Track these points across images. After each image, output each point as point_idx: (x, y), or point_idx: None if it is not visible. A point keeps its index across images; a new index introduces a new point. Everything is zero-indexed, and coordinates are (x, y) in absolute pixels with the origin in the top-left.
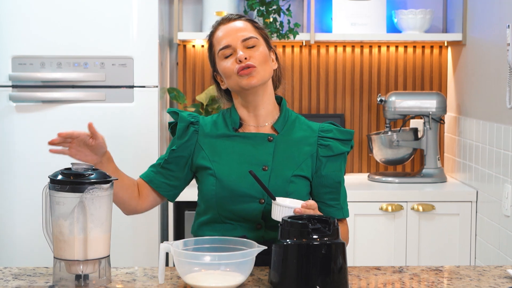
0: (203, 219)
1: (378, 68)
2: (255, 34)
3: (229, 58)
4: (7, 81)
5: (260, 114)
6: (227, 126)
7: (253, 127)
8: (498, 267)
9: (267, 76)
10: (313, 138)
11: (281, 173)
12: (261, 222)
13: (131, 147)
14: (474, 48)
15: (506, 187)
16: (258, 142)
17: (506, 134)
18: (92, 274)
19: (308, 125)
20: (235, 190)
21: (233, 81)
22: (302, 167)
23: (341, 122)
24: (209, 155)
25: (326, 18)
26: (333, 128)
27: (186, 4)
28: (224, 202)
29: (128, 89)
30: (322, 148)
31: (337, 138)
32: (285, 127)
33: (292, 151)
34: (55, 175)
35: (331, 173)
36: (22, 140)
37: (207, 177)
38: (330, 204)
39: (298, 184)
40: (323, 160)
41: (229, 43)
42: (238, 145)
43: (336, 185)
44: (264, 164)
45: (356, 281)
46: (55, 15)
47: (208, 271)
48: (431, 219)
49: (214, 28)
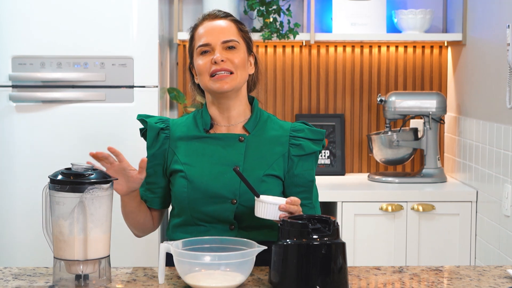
0: (177, 221)
1: (378, 68)
2: (237, 38)
3: (206, 55)
4: (7, 81)
5: (232, 115)
6: (197, 128)
7: (225, 127)
8: (498, 267)
9: (241, 82)
10: (284, 137)
11: (253, 172)
12: (234, 223)
13: (131, 147)
14: (474, 48)
15: (506, 187)
16: (229, 142)
17: (506, 134)
18: (92, 274)
19: (280, 125)
20: (207, 191)
21: (205, 81)
22: (274, 166)
23: (341, 122)
24: (181, 158)
25: (326, 18)
26: (304, 127)
27: (186, 4)
28: (196, 203)
29: (128, 89)
30: (293, 148)
31: (308, 137)
32: (256, 127)
33: (263, 150)
34: (55, 175)
35: (303, 172)
36: (22, 140)
37: (179, 180)
38: (303, 203)
39: (270, 183)
40: (295, 160)
41: (209, 42)
42: (209, 147)
43: (309, 184)
44: (236, 164)
45: (356, 281)
46: (55, 15)
47: (208, 271)
48: (431, 219)
49: (199, 21)
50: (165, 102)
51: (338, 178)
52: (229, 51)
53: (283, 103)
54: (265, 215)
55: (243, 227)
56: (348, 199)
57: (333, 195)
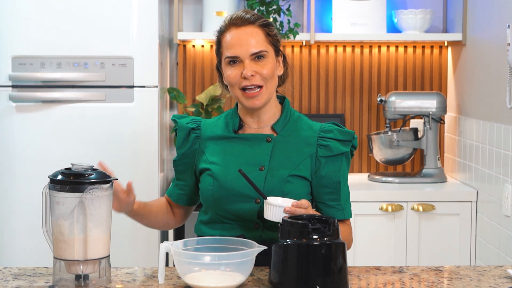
0: (204, 218)
1: (378, 68)
2: (265, 46)
3: (235, 66)
4: (7, 81)
5: (262, 119)
6: (227, 128)
7: (254, 129)
8: (498, 267)
9: (272, 93)
10: (313, 138)
11: (277, 173)
12: (259, 222)
13: (131, 147)
14: (474, 48)
15: (506, 187)
16: (256, 143)
17: (506, 134)
18: (92, 274)
19: (309, 125)
20: (231, 189)
21: (236, 94)
22: (300, 167)
23: (341, 122)
24: (209, 157)
25: (326, 18)
26: (334, 128)
27: (186, 4)
28: (221, 201)
29: (128, 89)
30: (321, 149)
31: (337, 138)
32: (285, 128)
33: (290, 151)
34: (55, 175)
35: (330, 173)
36: (22, 140)
37: (206, 178)
38: (331, 205)
39: (295, 184)
40: (322, 161)
41: (238, 55)
42: (236, 146)
43: (336, 185)
44: (261, 165)
45: (356, 281)
46: (55, 15)
47: (208, 271)
48: (431, 219)
49: (225, 27)
50: (165, 102)
51: None
52: (257, 62)
53: None
54: (272, 217)
55: (268, 226)
56: None
57: None
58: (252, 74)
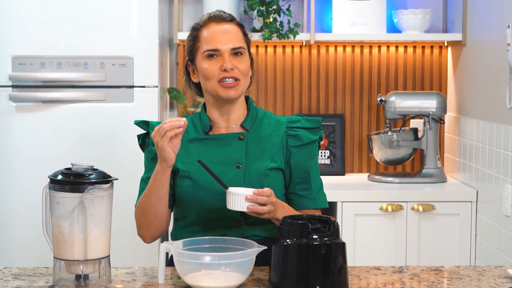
0: (182, 223)
1: (378, 68)
2: (243, 43)
3: (213, 60)
4: (7, 81)
5: (232, 118)
6: (197, 130)
7: (224, 128)
8: (498, 267)
9: (245, 88)
10: (282, 129)
11: (255, 168)
12: (240, 219)
13: (131, 147)
14: (474, 48)
15: (506, 187)
16: (229, 142)
17: (506, 134)
18: (92, 274)
19: (276, 119)
20: (212, 189)
21: (212, 85)
22: (275, 159)
23: (341, 122)
24: (182, 158)
25: (326, 18)
26: (300, 118)
27: (186, 4)
28: (202, 202)
29: (128, 89)
30: (291, 139)
31: (305, 127)
32: (254, 124)
33: (264, 145)
34: (55, 175)
35: (299, 163)
36: (22, 140)
37: (183, 180)
38: (302, 195)
39: (273, 177)
40: (293, 151)
41: (218, 48)
42: (210, 148)
43: (305, 174)
44: (238, 162)
45: (356, 281)
46: (55, 15)
47: (208, 271)
48: (431, 219)
49: (203, 22)
50: (165, 102)
51: (338, 178)
52: (236, 58)
53: (283, 103)
54: (234, 207)
55: (248, 223)
56: (348, 199)
57: (333, 195)
58: (231, 67)
